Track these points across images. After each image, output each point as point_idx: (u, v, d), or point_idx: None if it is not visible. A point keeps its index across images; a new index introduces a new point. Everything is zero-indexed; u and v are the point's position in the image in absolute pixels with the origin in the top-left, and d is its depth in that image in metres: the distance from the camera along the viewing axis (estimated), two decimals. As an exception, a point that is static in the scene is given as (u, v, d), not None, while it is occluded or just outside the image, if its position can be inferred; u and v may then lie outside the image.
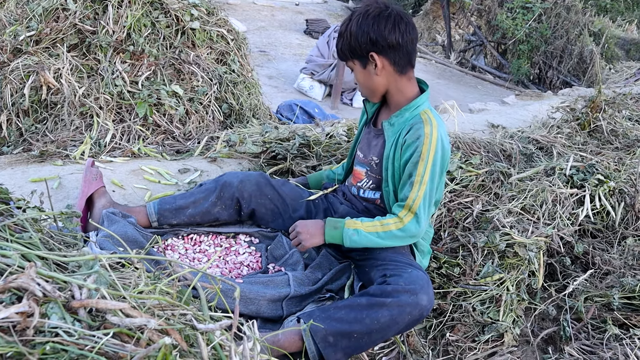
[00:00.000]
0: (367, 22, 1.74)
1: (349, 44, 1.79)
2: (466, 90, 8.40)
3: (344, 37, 1.81)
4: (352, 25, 1.77)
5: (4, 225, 1.07)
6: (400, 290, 1.59)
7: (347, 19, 1.82)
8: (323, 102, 6.59)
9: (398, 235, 1.77)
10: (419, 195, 1.74)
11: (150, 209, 2.05)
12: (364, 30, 1.75)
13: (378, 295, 1.61)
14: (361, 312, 1.58)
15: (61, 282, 0.95)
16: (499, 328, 1.90)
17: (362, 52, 1.78)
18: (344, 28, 1.81)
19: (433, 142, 1.74)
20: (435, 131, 1.75)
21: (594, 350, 1.91)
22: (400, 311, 1.57)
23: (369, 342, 1.60)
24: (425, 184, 1.74)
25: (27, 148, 2.78)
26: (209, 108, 3.25)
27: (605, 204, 2.59)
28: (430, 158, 1.73)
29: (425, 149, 1.73)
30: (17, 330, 0.83)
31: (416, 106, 1.83)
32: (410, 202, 1.75)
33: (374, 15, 1.75)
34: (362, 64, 1.83)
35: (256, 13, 11.41)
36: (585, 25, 8.92)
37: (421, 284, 1.63)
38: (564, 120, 3.71)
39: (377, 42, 1.75)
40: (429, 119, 1.77)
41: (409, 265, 1.75)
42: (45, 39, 2.98)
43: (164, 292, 1.07)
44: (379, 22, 1.74)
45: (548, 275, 2.33)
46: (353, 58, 1.83)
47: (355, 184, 2.05)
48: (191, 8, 3.31)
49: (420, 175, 1.74)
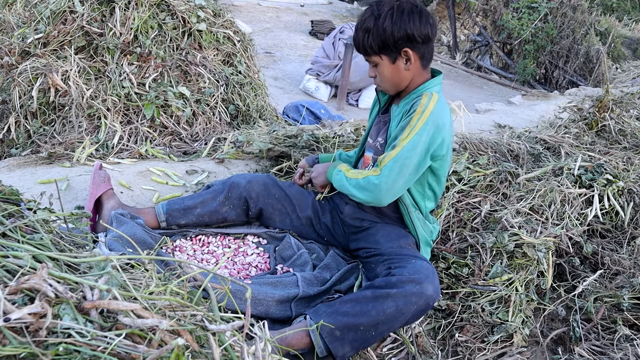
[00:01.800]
0: (402, 17, 1.73)
1: (381, 40, 1.75)
2: (472, 90, 8.37)
3: (372, 33, 1.76)
4: (384, 21, 1.73)
5: (15, 227, 1.07)
6: (405, 280, 1.59)
7: (370, 14, 1.78)
8: (329, 103, 6.58)
9: (360, 182, 1.79)
10: (390, 154, 1.74)
11: (158, 209, 2.06)
12: (400, 26, 1.73)
13: (383, 286, 1.61)
14: (367, 304, 1.58)
15: (73, 283, 0.96)
16: (508, 328, 1.89)
17: (396, 47, 1.77)
18: (370, 23, 1.76)
19: (426, 113, 1.74)
20: (432, 104, 1.75)
21: (604, 351, 1.90)
22: (406, 301, 1.57)
23: (376, 334, 1.60)
24: (402, 147, 1.72)
25: (36, 150, 2.80)
26: (215, 109, 3.26)
27: (614, 203, 2.57)
28: (418, 126, 1.72)
29: (416, 117, 1.74)
30: (30, 331, 0.83)
31: (425, 88, 1.84)
32: (381, 158, 1.76)
33: (408, 10, 1.74)
34: (391, 59, 1.80)
35: (261, 14, 11.42)
36: (592, 24, 8.88)
37: (426, 273, 1.63)
38: (571, 120, 3.69)
39: (413, 38, 1.75)
40: (430, 94, 1.78)
41: (413, 257, 1.75)
42: (53, 41, 2.99)
43: (175, 293, 1.07)
44: (414, 18, 1.74)
45: (557, 275, 2.31)
46: (381, 53, 1.80)
47: (364, 170, 2.04)
48: (198, 10, 3.32)
49: (402, 140, 1.74)
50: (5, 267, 0.93)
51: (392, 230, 1.93)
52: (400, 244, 1.86)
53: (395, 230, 1.93)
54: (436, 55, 10.70)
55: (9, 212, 1.18)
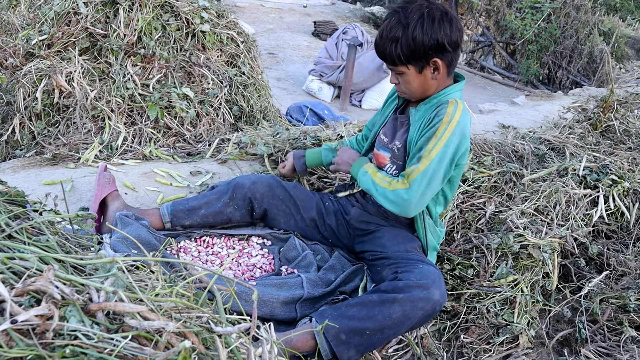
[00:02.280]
0: (434, 26, 1.65)
1: (411, 50, 1.67)
2: (475, 91, 8.36)
3: (400, 42, 1.67)
4: (414, 30, 1.65)
5: (21, 229, 1.07)
6: (412, 285, 1.59)
7: (397, 22, 1.68)
8: (332, 103, 6.58)
9: (388, 195, 1.75)
10: (418, 167, 1.69)
11: (163, 210, 2.07)
12: (431, 36, 1.65)
13: (390, 291, 1.60)
14: (373, 308, 1.57)
15: (79, 285, 0.95)
16: (514, 330, 1.89)
17: (425, 57, 1.70)
18: (399, 32, 1.67)
19: (452, 123, 1.69)
20: (459, 114, 1.71)
21: (611, 353, 1.89)
22: (413, 306, 1.56)
23: (382, 339, 1.59)
24: (430, 159, 1.69)
25: (40, 151, 2.80)
26: (219, 110, 3.25)
27: (620, 204, 2.56)
28: (445, 137, 1.68)
29: (442, 127, 1.69)
30: (36, 333, 0.83)
31: (446, 94, 1.79)
32: (409, 172, 1.71)
33: (439, 18, 1.66)
34: (418, 69, 1.73)
35: (264, 15, 11.43)
36: (595, 24, 8.85)
37: (433, 278, 1.62)
38: (575, 120, 3.68)
39: (444, 47, 1.68)
40: (456, 103, 1.74)
41: (420, 261, 1.74)
42: (57, 42, 3.00)
43: (181, 295, 1.07)
44: (444, 25, 1.66)
45: (562, 276, 2.31)
46: (409, 63, 1.72)
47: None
48: (201, 11, 3.32)
49: (428, 151, 1.69)
50: (12, 269, 0.93)
51: (398, 233, 1.92)
52: (407, 248, 1.85)
53: (402, 233, 1.92)
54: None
55: (15, 213, 1.18)
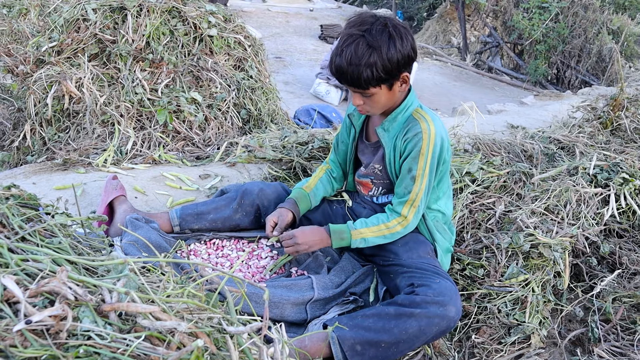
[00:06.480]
0: (403, 42, 1.64)
1: (387, 70, 1.64)
2: (483, 92, 8.34)
3: (376, 66, 1.61)
4: (388, 50, 1.61)
5: (34, 231, 1.09)
6: (429, 301, 1.59)
7: (362, 45, 1.61)
8: (339, 106, 6.59)
9: (402, 232, 1.85)
10: (421, 188, 1.79)
11: (172, 214, 2.08)
12: (402, 52, 1.64)
13: (407, 305, 1.60)
14: (389, 321, 1.58)
15: (91, 286, 0.96)
16: (526, 330, 1.87)
17: (398, 73, 1.68)
18: (372, 57, 1.60)
19: (432, 137, 1.75)
20: (432, 126, 1.76)
21: (625, 352, 1.87)
22: (429, 322, 1.57)
23: (396, 352, 1.59)
24: (425, 177, 1.78)
25: (51, 157, 2.83)
26: (227, 114, 3.27)
27: (631, 202, 2.54)
28: (430, 152, 1.76)
29: (425, 144, 1.75)
30: (50, 334, 0.84)
31: (407, 107, 1.83)
32: (414, 196, 1.80)
33: (403, 33, 1.65)
34: (389, 86, 1.71)
35: (271, 20, 11.48)
36: (604, 23, 8.81)
37: (450, 295, 1.63)
38: (585, 119, 3.65)
39: (410, 60, 1.68)
40: (422, 117, 1.79)
41: (436, 274, 1.74)
42: (66, 49, 3.03)
43: (192, 296, 1.07)
44: (408, 39, 1.66)
45: (574, 276, 2.29)
46: (382, 84, 1.68)
47: (367, 194, 2.06)
48: (208, 16, 3.34)
49: (421, 169, 1.77)
50: (25, 270, 0.94)
51: (409, 238, 1.90)
52: (420, 254, 1.85)
53: (413, 237, 1.91)
54: (446, 57, 10.68)
55: (28, 216, 1.19)
